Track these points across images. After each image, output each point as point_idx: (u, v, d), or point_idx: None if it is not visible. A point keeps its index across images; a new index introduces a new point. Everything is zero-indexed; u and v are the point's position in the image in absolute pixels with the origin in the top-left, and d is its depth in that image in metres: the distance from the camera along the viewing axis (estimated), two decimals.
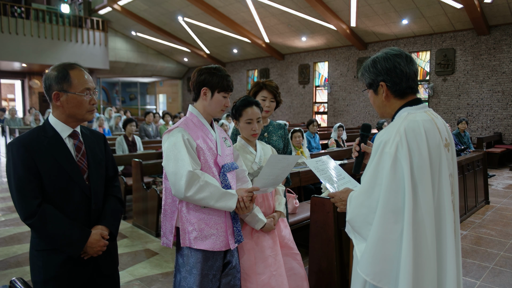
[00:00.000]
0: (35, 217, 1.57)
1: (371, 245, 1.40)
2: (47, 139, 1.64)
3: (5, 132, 11.13)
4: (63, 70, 1.65)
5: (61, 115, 1.69)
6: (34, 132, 1.65)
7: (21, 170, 1.57)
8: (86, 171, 1.72)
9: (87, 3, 16.29)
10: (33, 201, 1.58)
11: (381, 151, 1.41)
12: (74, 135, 1.73)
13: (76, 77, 1.66)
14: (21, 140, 1.61)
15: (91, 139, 1.80)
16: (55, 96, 1.65)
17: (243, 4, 12.16)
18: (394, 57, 1.49)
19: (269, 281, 2.06)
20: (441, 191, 1.44)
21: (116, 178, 1.93)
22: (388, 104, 1.55)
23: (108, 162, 1.88)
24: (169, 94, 22.97)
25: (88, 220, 1.73)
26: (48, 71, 1.68)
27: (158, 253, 3.89)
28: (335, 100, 13.98)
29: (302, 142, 5.44)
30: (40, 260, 1.65)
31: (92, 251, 1.68)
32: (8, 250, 3.91)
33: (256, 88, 2.59)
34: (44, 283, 1.65)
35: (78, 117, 1.70)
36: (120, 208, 1.88)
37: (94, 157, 1.77)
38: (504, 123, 10.28)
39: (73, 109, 1.67)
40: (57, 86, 1.64)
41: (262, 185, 1.93)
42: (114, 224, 1.81)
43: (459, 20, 10.26)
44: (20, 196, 1.58)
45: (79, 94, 1.65)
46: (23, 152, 1.58)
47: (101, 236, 1.71)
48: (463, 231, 4.54)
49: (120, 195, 1.91)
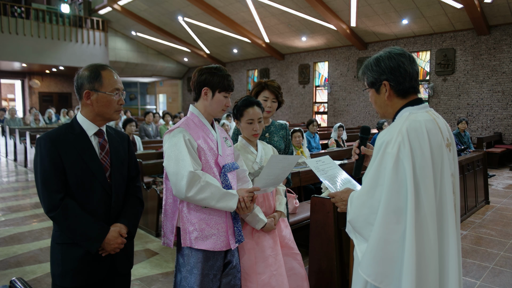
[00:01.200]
0: (57, 210, 1.62)
1: (373, 246, 1.39)
2: (74, 136, 1.70)
3: (5, 132, 11.12)
4: (96, 70, 1.72)
5: (89, 114, 1.74)
6: (62, 129, 1.72)
7: (47, 164, 1.63)
8: (109, 169, 1.77)
9: (87, 3, 16.29)
10: (57, 194, 1.63)
11: (383, 151, 1.41)
12: (99, 133, 1.78)
13: (107, 77, 1.72)
14: (49, 135, 1.67)
15: (115, 139, 1.85)
16: (86, 95, 1.70)
17: (243, 4, 12.16)
18: (398, 56, 1.48)
19: (270, 281, 2.06)
20: (443, 191, 1.44)
21: (137, 178, 1.96)
22: (390, 103, 1.54)
23: (131, 162, 1.92)
24: (169, 94, 22.97)
25: (108, 217, 1.76)
26: (80, 71, 1.74)
27: (158, 253, 3.89)
28: (335, 100, 13.98)
29: (302, 142, 5.44)
30: (59, 253, 1.70)
31: (110, 247, 1.71)
32: (8, 250, 3.91)
33: (258, 88, 2.58)
34: (61, 276, 1.69)
35: (106, 116, 1.76)
36: (139, 208, 1.91)
37: (117, 156, 1.81)
38: (504, 123, 10.28)
39: (102, 108, 1.72)
40: (88, 85, 1.70)
41: (262, 185, 1.93)
42: (133, 223, 1.84)
43: (459, 20, 10.26)
44: (44, 189, 1.63)
45: (109, 93, 1.71)
46: (50, 147, 1.64)
47: (119, 234, 1.74)
48: (463, 231, 4.54)
49: (141, 195, 1.94)
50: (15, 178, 7.92)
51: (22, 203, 5.82)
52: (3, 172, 8.76)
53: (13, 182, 7.54)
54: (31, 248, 3.96)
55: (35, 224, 4.78)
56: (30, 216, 5.12)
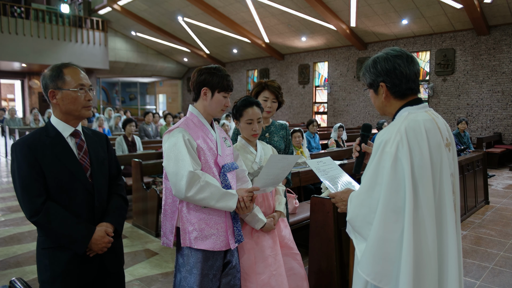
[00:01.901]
0: (39, 215, 1.61)
1: (372, 245, 1.39)
2: (50, 139, 1.68)
3: (4, 132, 11.12)
4: (57, 69, 1.71)
5: (59, 114, 1.73)
6: (37, 133, 1.70)
7: (25, 169, 1.62)
8: (89, 169, 1.75)
9: (87, 3, 16.28)
10: (38, 199, 1.61)
11: (382, 150, 1.41)
12: (75, 134, 1.76)
13: (70, 74, 1.70)
14: (25, 141, 1.66)
15: (93, 139, 1.84)
16: (51, 94, 1.69)
17: (243, 4, 12.16)
18: (394, 58, 1.49)
19: (269, 281, 2.06)
20: (442, 190, 1.44)
21: (119, 177, 1.96)
22: (388, 104, 1.55)
23: (111, 161, 1.91)
24: (169, 94, 22.97)
25: (92, 218, 1.76)
26: (44, 72, 1.73)
27: (158, 253, 3.89)
28: (335, 100, 13.98)
29: (302, 142, 5.44)
30: (46, 258, 1.68)
31: (97, 247, 1.70)
32: (8, 250, 3.91)
33: (258, 88, 2.57)
34: (51, 281, 1.67)
35: (74, 114, 1.73)
36: (124, 206, 1.91)
37: (96, 155, 1.80)
38: (504, 123, 10.28)
39: (69, 105, 1.70)
40: (52, 84, 1.69)
41: (262, 185, 1.93)
42: (119, 221, 1.84)
43: (459, 20, 10.26)
44: (24, 194, 1.62)
45: (72, 90, 1.69)
46: (26, 152, 1.62)
47: (105, 233, 1.73)
48: (463, 231, 4.54)
49: (124, 193, 1.94)
50: None
51: None
52: (3, 172, 8.75)
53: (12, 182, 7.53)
54: (30, 248, 3.95)
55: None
56: None
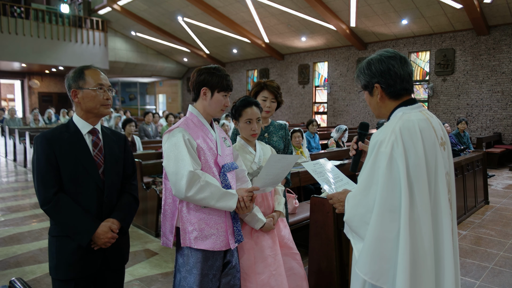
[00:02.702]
0: (50, 204, 1.72)
1: (369, 244, 1.40)
2: (68, 134, 1.80)
3: (4, 132, 11.12)
4: (79, 70, 1.84)
5: (80, 112, 1.85)
6: (58, 128, 1.83)
7: (42, 161, 1.74)
8: (102, 165, 1.84)
9: (86, 3, 16.29)
10: (51, 189, 1.73)
11: (377, 150, 1.43)
12: (93, 131, 1.87)
13: (90, 75, 1.83)
14: (45, 134, 1.78)
15: (110, 138, 1.93)
16: (73, 94, 1.82)
17: (243, 4, 12.16)
18: (388, 59, 1.51)
19: (269, 281, 2.06)
20: (437, 189, 1.45)
21: (134, 177, 2.02)
22: (383, 105, 1.57)
23: (127, 160, 1.99)
24: (168, 94, 22.96)
25: (100, 213, 1.82)
26: (68, 73, 1.87)
27: (158, 253, 3.89)
28: (335, 100, 13.98)
29: (301, 142, 5.45)
30: (54, 246, 1.79)
31: (100, 241, 1.77)
32: (7, 250, 3.91)
33: (257, 88, 2.58)
34: (56, 268, 1.77)
35: (94, 111, 1.84)
36: (133, 205, 1.96)
37: (111, 154, 1.89)
38: (503, 123, 10.29)
39: (88, 103, 1.82)
40: (74, 84, 1.82)
41: (261, 185, 1.94)
42: (125, 218, 1.89)
43: (459, 20, 10.26)
44: (40, 184, 1.74)
45: (92, 89, 1.81)
46: (45, 145, 1.75)
47: (109, 229, 1.79)
48: (463, 231, 4.54)
49: (136, 193, 2.00)
50: (14, 178, 7.93)
51: (22, 203, 5.82)
52: (2, 172, 8.76)
53: (12, 182, 7.54)
54: (30, 248, 3.96)
55: (34, 224, 4.78)
56: (30, 216, 5.12)
